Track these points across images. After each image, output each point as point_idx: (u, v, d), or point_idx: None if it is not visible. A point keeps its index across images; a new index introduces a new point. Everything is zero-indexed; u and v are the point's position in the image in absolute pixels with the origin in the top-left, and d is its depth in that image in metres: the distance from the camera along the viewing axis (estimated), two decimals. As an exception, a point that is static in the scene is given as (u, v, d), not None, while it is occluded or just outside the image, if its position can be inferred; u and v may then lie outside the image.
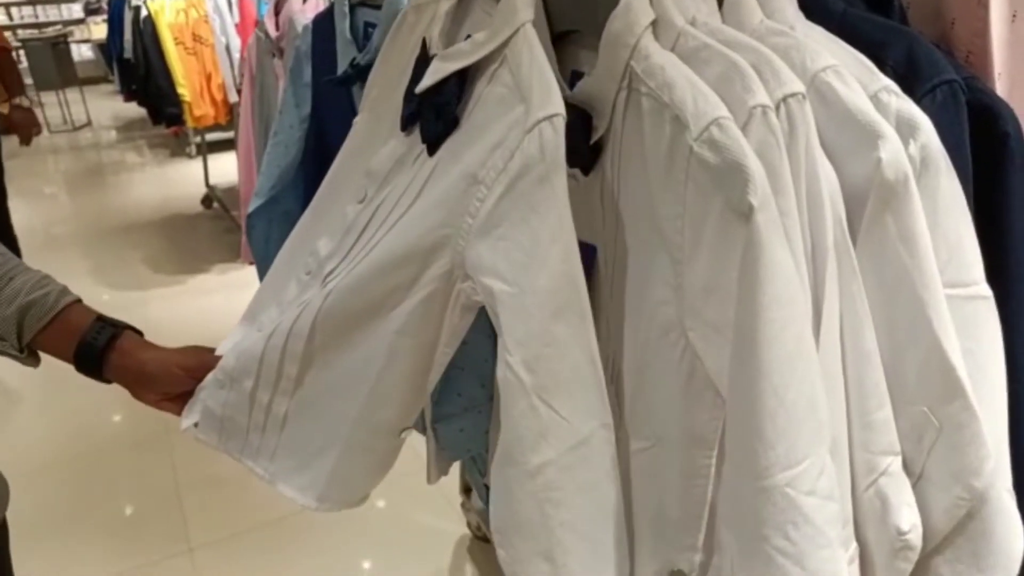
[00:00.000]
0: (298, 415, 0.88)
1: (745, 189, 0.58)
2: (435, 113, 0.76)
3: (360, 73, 1.15)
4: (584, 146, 0.73)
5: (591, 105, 0.72)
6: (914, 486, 0.68)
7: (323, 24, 1.25)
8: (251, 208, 1.38)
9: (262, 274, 1.50)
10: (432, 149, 0.77)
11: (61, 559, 0.87)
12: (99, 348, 0.80)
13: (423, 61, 0.79)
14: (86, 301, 0.84)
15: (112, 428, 2.29)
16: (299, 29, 1.46)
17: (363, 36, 1.19)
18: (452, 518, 2.01)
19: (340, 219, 0.87)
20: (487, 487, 1.24)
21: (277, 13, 1.72)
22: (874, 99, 0.63)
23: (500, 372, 0.67)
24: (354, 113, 1.22)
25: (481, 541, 1.97)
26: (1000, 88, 0.67)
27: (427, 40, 0.81)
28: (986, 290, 0.64)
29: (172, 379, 0.85)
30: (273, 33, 1.71)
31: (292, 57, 1.32)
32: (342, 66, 1.19)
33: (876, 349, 0.65)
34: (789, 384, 0.60)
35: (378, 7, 1.14)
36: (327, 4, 1.63)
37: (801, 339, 0.60)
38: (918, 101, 0.64)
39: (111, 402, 2.39)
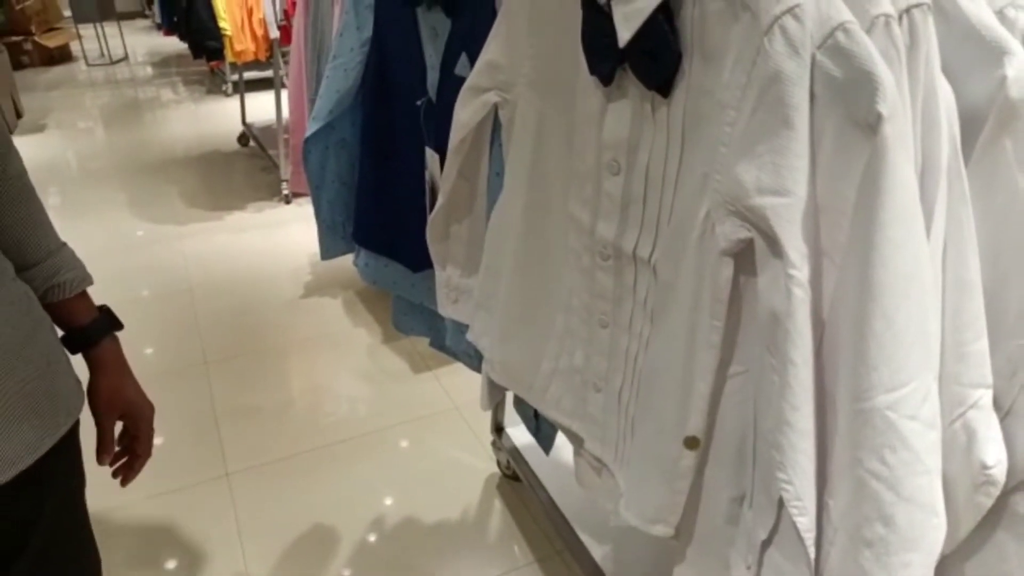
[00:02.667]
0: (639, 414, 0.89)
1: (874, 98, 0.55)
2: (651, 57, 0.72)
3: (427, -7, 1.12)
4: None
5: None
6: (1001, 421, 0.67)
7: (390, -57, 1.22)
8: (308, 133, 1.37)
9: (317, 201, 1.49)
10: (665, 91, 0.73)
11: (102, 481, 0.89)
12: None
13: (594, 9, 0.76)
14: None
15: (146, 359, 2.32)
16: (360, -51, 1.43)
17: (432, -45, 1.16)
18: (482, 456, 2.03)
19: (599, 198, 0.85)
20: (537, 418, 1.25)
21: (336, -65, 1.68)
22: (1000, 14, 0.61)
23: (785, 289, 0.64)
24: (418, 36, 1.20)
25: (511, 479, 1.98)
26: None
27: None
28: (1103, 222, 0.61)
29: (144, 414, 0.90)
30: (332, -45, 1.67)
31: (355, -23, 1.29)
32: (409, -14, 1.16)
33: (979, 279, 0.63)
34: (900, 307, 0.58)
35: (451, -76, 1.11)
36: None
37: (918, 261, 0.58)
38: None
39: (143, 337, 2.43)
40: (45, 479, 0.76)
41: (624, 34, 0.72)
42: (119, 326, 0.88)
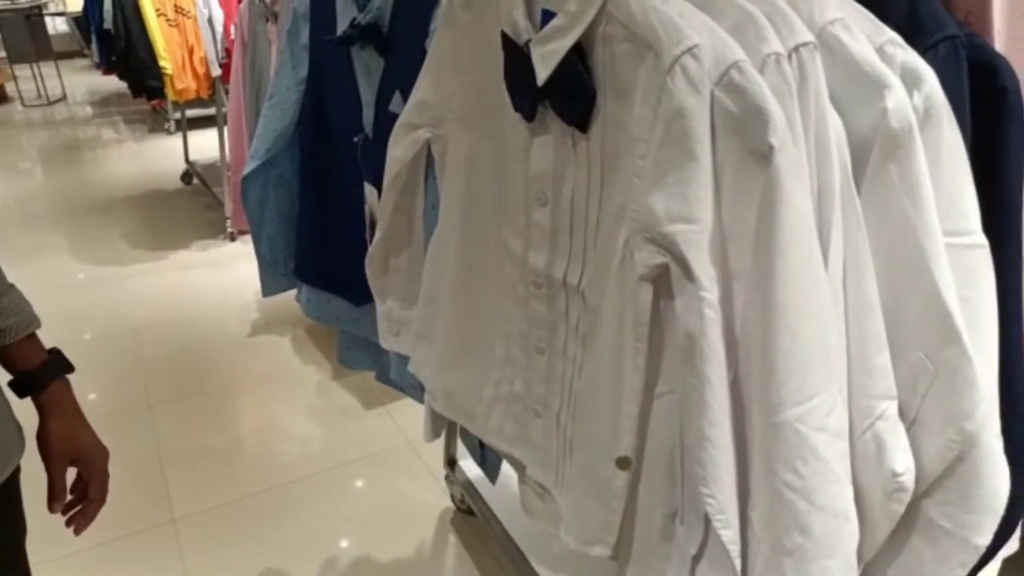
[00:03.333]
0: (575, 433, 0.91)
1: (766, 130, 0.60)
2: (568, 95, 0.76)
3: (361, 33, 1.15)
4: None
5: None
6: (908, 430, 0.71)
7: (323, -15, 1.25)
8: (246, 171, 1.38)
9: (257, 238, 1.50)
10: (583, 127, 0.77)
11: (42, 529, 0.86)
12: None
13: (514, 50, 0.79)
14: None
15: (89, 404, 2.27)
16: (295, -8, 1.45)
17: (364, -3, 1.19)
18: (436, 491, 2.03)
19: (530, 229, 0.88)
20: (482, 447, 1.26)
21: (272, -23, 1.70)
22: (880, 51, 0.66)
23: (697, 311, 0.67)
24: (352, 74, 1.23)
25: (465, 513, 1.98)
26: (998, 45, 0.69)
27: (512, 27, 0.80)
28: (982, 239, 0.67)
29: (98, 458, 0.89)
30: (268, -3, 1.70)
31: (289, 19, 1.31)
32: (342, 26, 1.19)
33: (877, 296, 0.67)
34: (804, 323, 0.62)
35: (380, -33, 1.14)
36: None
37: (816, 279, 0.62)
38: (921, 56, 0.67)
39: (85, 381, 2.37)
40: None
41: (542, 73, 0.76)
42: (70, 369, 0.87)
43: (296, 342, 2.71)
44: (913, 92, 0.63)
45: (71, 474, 0.87)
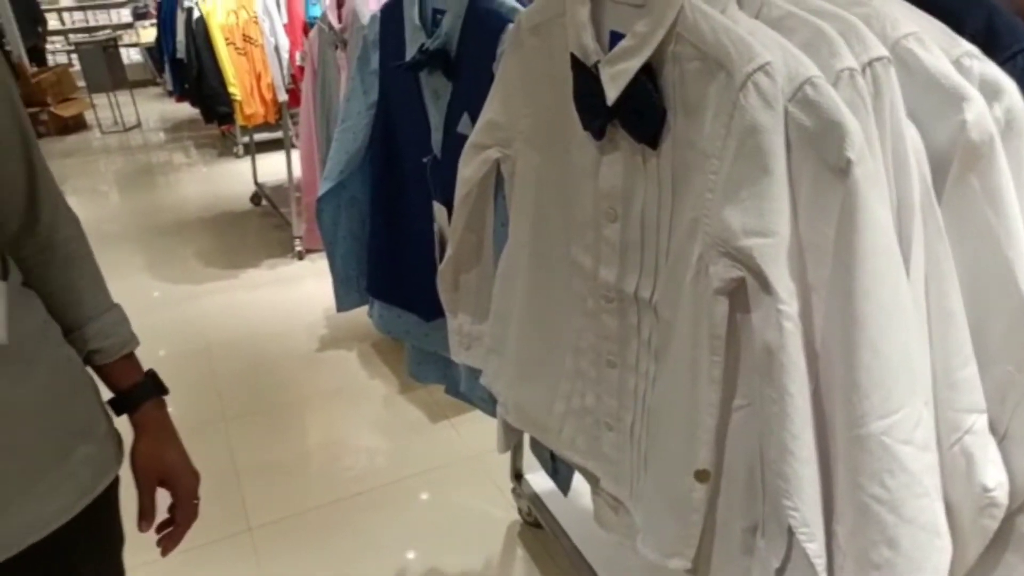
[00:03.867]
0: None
1: (843, 145, 0.60)
2: (638, 114, 0.78)
3: (429, 59, 1.18)
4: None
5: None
6: (999, 445, 0.70)
7: (391, 12, 1.29)
8: (321, 192, 1.43)
9: (331, 256, 1.55)
10: (654, 144, 0.79)
11: (129, 537, 0.91)
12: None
13: (584, 72, 0.82)
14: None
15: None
16: (364, 20, 1.50)
17: (431, 23, 1.22)
18: (502, 505, 2.04)
19: (599, 245, 0.90)
20: (553, 460, 1.27)
21: (340, 6, 1.76)
22: (956, 64, 0.65)
23: (776, 324, 0.68)
24: (421, 98, 1.27)
25: (532, 526, 1.99)
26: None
27: (581, 50, 0.82)
28: (1071, 248, 0.65)
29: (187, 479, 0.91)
30: (336, 25, 1.76)
31: (359, 46, 1.36)
32: (410, 52, 1.23)
33: (961, 308, 0.67)
34: (885, 335, 0.62)
35: (448, -6, 1.18)
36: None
37: (897, 291, 0.62)
38: (999, 67, 0.66)
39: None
40: (81, 539, 0.78)
41: (612, 93, 0.78)
42: (163, 391, 0.90)
43: (363, 357, 2.77)
44: (993, 104, 0.63)
45: (164, 495, 0.90)
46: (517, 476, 2.03)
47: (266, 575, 1.79)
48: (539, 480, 1.97)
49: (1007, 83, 0.63)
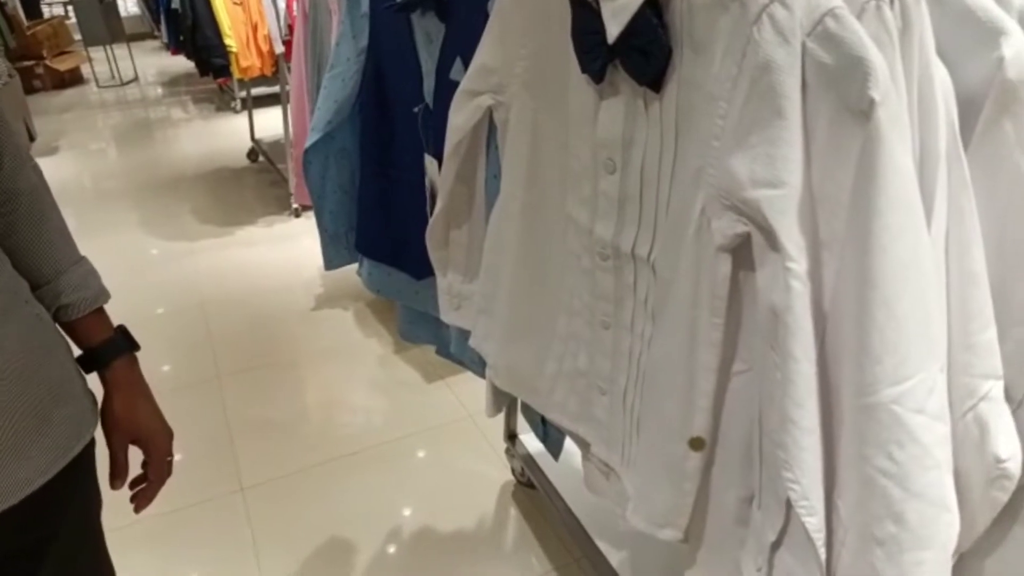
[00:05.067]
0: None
1: (866, 83, 0.54)
2: (642, 53, 0.71)
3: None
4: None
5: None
6: (1014, 413, 0.65)
7: (383, -50, 1.22)
8: (308, 144, 1.37)
9: (319, 211, 1.49)
10: (657, 86, 0.73)
11: (117, 498, 0.87)
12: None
13: (584, 7, 0.75)
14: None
15: (162, 376, 2.33)
16: (356, -40, 1.43)
17: (426, -40, 1.16)
18: (497, 464, 2.02)
19: (596, 198, 0.84)
20: (544, 423, 1.23)
21: (332, -54, 1.68)
22: (996, -6, 0.59)
23: (783, 283, 0.62)
24: (413, 42, 1.20)
25: (525, 487, 1.97)
26: None
27: None
28: (1111, 202, 0.59)
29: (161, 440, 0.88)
30: (328, -34, 1.68)
31: (349, -13, 1.29)
32: (403, -8, 1.16)
33: (984, 267, 0.61)
34: (901, 295, 0.57)
35: (441, -71, 1.10)
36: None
37: (917, 248, 0.57)
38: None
39: (158, 354, 2.44)
40: (59, 500, 0.75)
41: (613, 30, 0.71)
42: (135, 347, 0.86)
43: (358, 316, 2.73)
44: (1034, 38, 0.57)
45: (137, 452, 0.87)
46: (511, 436, 2.01)
47: (258, 535, 1.77)
48: (533, 441, 1.94)
49: (1050, 16, 0.57)
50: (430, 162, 1.22)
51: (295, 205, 3.43)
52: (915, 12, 0.58)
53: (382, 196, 1.38)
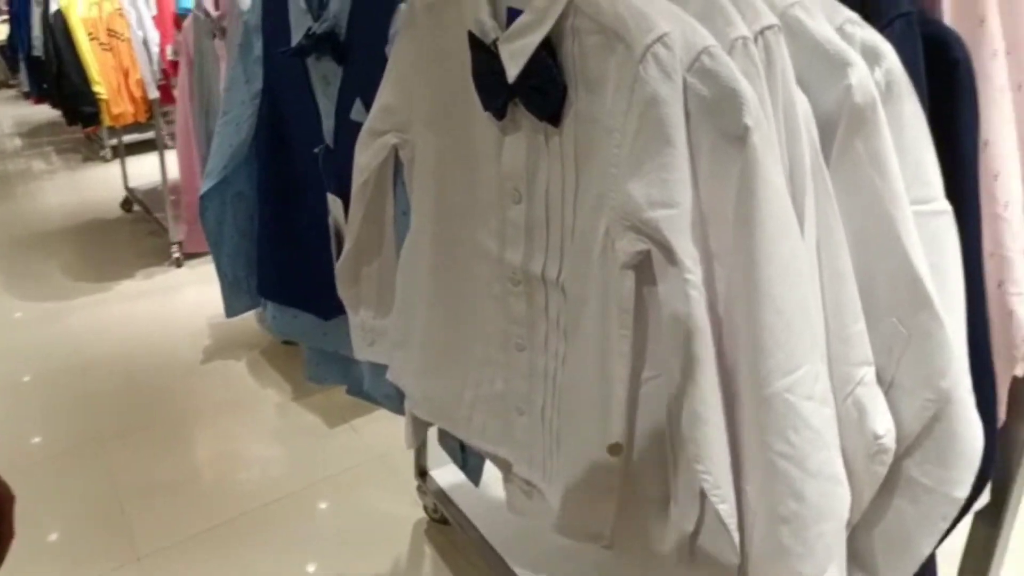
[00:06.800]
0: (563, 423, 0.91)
1: (741, 112, 0.62)
2: (540, 91, 0.77)
3: (317, 43, 1.14)
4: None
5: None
6: (886, 394, 0.74)
7: (274, -4, 1.24)
8: (203, 189, 1.35)
9: (218, 258, 1.47)
10: (556, 121, 0.78)
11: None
12: None
13: (482, 50, 0.80)
14: None
15: (33, 447, 2.17)
16: (244, 5, 1.43)
17: (318, 6, 1.18)
18: (408, 504, 2.01)
19: (504, 227, 0.89)
20: (463, 450, 1.26)
21: (216, -8, 1.68)
22: (839, 30, 0.69)
23: (682, 293, 0.69)
24: (309, 85, 1.22)
25: (439, 523, 1.97)
26: (946, 19, 0.73)
27: (479, 27, 0.81)
28: (946, 205, 0.70)
29: None
30: (214, 13, 1.67)
31: (240, 32, 1.30)
32: (296, 37, 1.18)
33: (850, 267, 0.70)
34: (787, 296, 0.64)
35: (334, -24, 1.14)
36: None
37: (795, 253, 0.65)
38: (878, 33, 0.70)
39: (27, 424, 2.28)
40: None
41: (512, 71, 0.77)
42: None
43: (252, 365, 2.66)
44: (874, 68, 0.66)
45: None
46: (422, 473, 2.01)
47: (159, 606, 1.68)
48: (444, 475, 1.96)
49: (886, 48, 0.67)
50: (333, 201, 1.23)
51: (176, 255, 3.31)
52: (776, 48, 0.67)
53: (283, 238, 1.38)
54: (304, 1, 1.18)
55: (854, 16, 0.69)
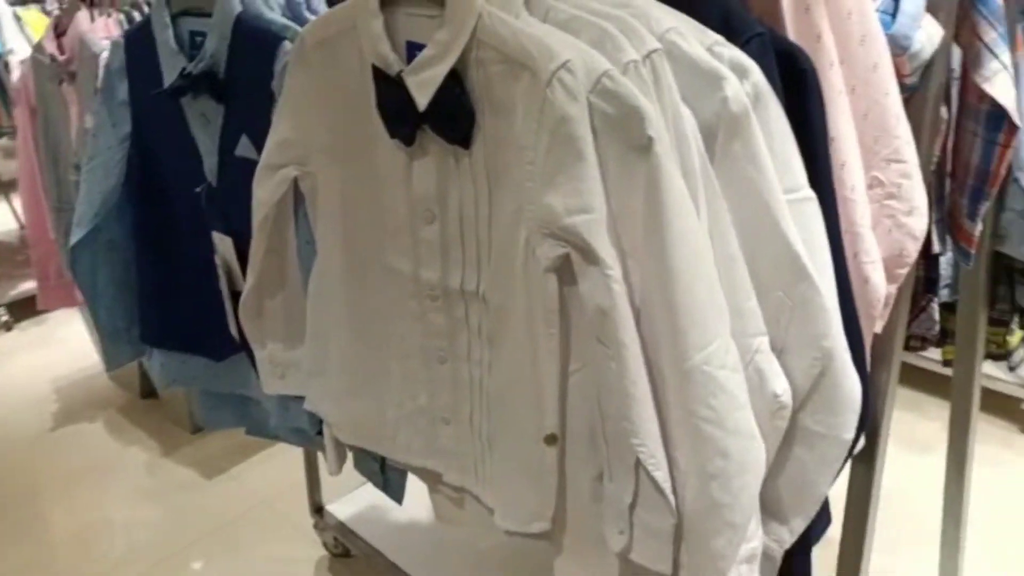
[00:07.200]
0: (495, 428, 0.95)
1: (643, 125, 0.71)
2: (449, 118, 0.82)
3: (194, 82, 1.13)
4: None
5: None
6: (779, 359, 0.85)
7: (138, 38, 1.20)
8: (74, 240, 1.28)
9: (94, 310, 1.39)
10: (466, 144, 0.83)
11: None
12: None
13: (387, 82, 0.84)
14: None
15: None
16: (97, 48, 1.38)
17: (191, 46, 1.17)
18: (305, 544, 1.97)
19: (418, 247, 0.93)
20: (383, 472, 1.28)
21: (59, 36, 1.58)
22: (710, 51, 0.80)
23: (605, 288, 0.76)
24: (184, 124, 1.20)
25: (341, 557, 1.95)
26: (791, 37, 0.87)
27: (382, 60, 0.85)
28: (811, 192, 0.83)
29: None
30: (60, 57, 1.58)
31: (99, 77, 1.25)
32: (169, 78, 1.16)
33: (739, 251, 0.81)
34: (695, 280, 0.74)
35: (206, 15, 1.13)
36: (118, 22, 1.55)
37: (699, 244, 0.75)
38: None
39: None
40: None
41: (422, 100, 0.82)
42: None
43: (110, 426, 2.49)
44: (743, 81, 0.78)
45: None
46: (318, 510, 1.98)
47: None
48: (342, 508, 1.94)
49: (750, 63, 0.78)
50: (220, 240, 1.21)
51: (4, 318, 3.02)
52: (661, 68, 0.77)
53: (166, 282, 1.33)
54: (175, 42, 1.16)
55: (720, 38, 0.80)
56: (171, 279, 1.33)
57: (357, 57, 0.90)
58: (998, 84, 0.99)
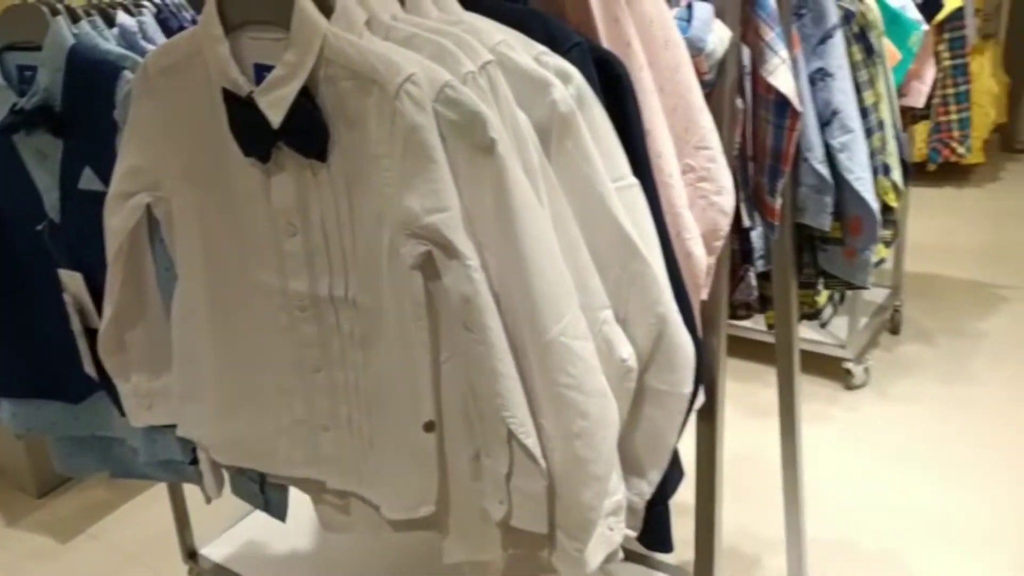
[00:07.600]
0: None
1: (486, 129, 0.80)
2: (304, 134, 0.87)
3: (28, 118, 1.11)
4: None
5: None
6: (622, 328, 0.96)
7: (-42, 75, 1.15)
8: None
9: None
10: (323, 157, 0.88)
11: None
12: None
13: (238, 103, 0.88)
14: None
15: None
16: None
17: (19, 80, 1.14)
18: (184, 590, 1.90)
19: (283, 260, 0.97)
20: (263, 492, 1.28)
21: None
22: (536, 60, 0.90)
23: (467, 278, 0.84)
24: (18, 162, 1.17)
25: (226, 595, 1.89)
26: (605, 45, 0.99)
27: (231, 83, 0.89)
28: (634, 180, 0.95)
29: None
30: None
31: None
32: (0, 113, 1.12)
33: (579, 235, 0.92)
34: (545, 264, 0.84)
35: (35, 48, 1.11)
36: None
37: (545, 231, 0.85)
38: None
39: None
40: None
41: (276, 118, 0.87)
42: None
43: (-60, 501, 2.27)
44: (568, 85, 0.88)
45: None
46: (191, 555, 1.91)
47: None
48: (216, 550, 1.89)
49: (573, 70, 0.89)
50: (70, 277, 1.18)
51: None
52: (496, 77, 0.86)
53: (10, 329, 1.27)
54: (2, 77, 1.13)
55: (545, 48, 0.90)
56: (15, 325, 1.27)
57: (205, 81, 0.93)
58: (780, 76, 1.17)
